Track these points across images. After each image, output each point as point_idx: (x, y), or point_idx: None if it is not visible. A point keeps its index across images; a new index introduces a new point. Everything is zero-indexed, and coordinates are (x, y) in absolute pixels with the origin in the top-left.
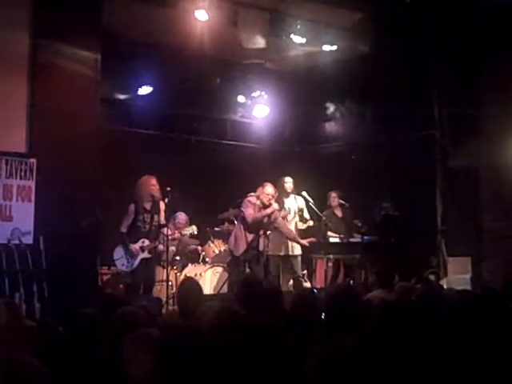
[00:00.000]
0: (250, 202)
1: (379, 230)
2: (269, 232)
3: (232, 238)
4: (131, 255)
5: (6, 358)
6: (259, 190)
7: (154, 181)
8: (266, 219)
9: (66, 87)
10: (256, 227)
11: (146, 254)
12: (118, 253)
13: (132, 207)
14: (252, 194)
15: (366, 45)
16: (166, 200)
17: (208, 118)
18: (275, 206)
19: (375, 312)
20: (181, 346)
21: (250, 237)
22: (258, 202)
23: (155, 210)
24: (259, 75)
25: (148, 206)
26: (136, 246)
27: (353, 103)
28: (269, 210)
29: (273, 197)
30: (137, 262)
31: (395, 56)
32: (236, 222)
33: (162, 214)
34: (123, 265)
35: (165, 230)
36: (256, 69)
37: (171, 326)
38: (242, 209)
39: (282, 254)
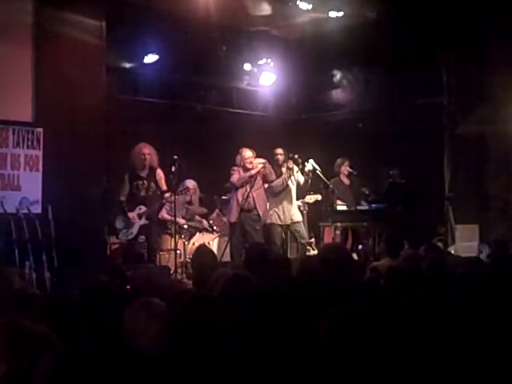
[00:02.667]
0: (233, 170)
1: (386, 197)
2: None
3: (228, 208)
4: (129, 223)
5: (16, 325)
6: (237, 158)
7: (146, 149)
8: (253, 180)
9: (71, 56)
10: (244, 187)
11: (143, 221)
12: (119, 222)
13: (126, 176)
14: (234, 166)
15: (373, 11)
16: (173, 168)
17: (214, 86)
18: (259, 165)
19: (383, 278)
20: (190, 315)
21: (240, 198)
22: (237, 167)
23: (151, 177)
24: (265, 42)
25: (143, 173)
26: (133, 214)
27: (360, 70)
28: (253, 171)
29: (253, 158)
30: (135, 230)
31: (403, 22)
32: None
33: (162, 182)
34: (124, 234)
35: (168, 197)
36: (262, 36)
37: (180, 295)
38: (230, 180)
39: (282, 222)
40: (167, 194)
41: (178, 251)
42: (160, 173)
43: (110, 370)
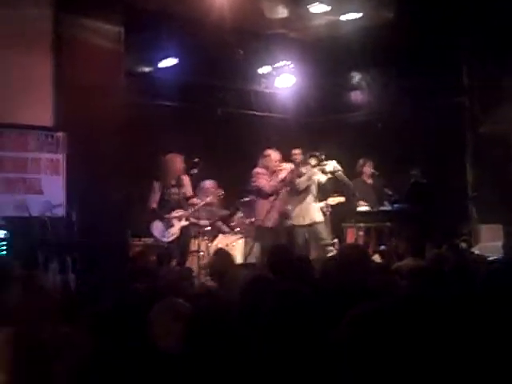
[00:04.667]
0: (258, 173)
1: (409, 197)
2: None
3: (256, 212)
4: (169, 225)
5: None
6: (263, 160)
7: (176, 159)
8: (282, 184)
9: (90, 61)
10: (274, 194)
11: (184, 222)
12: (157, 227)
13: (157, 184)
14: (258, 168)
15: (392, 12)
16: (194, 170)
17: (232, 89)
18: (287, 166)
19: (406, 279)
20: (211, 318)
21: (278, 203)
22: (264, 170)
23: (179, 183)
24: (283, 45)
25: (173, 181)
26: (172, 216)
27: (378, 72)
28: (282, 175)
29: (280, 161)
30: (177, 231)
31: (422, 23)
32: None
33: (188, 188)
34: (163, 236)
35: (193, 201)
36: (279, 39)
37: (202, 297)
38: (255, 184)
39: (306, 222)
40: (193, 200)
41: (202, 253)
42: (186, 178)
43: (135, 370)
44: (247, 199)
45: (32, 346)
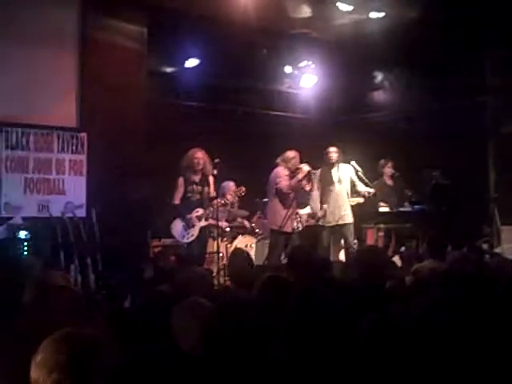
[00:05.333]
0: (279, 173)
1: (430, 199)
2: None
3: (276, 213)
4: (190, 225)
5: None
6: (282, 159)
7: (199, 154)
8: (303, 183)
9: (114, 61)
10: (293, 195)
11: (203, 222)
12: (177, 225)
13: (180, 180)
14: (279, 169)
15: (415, 11)
16: (215, 171)
17: (255, 89)
18: (305, 167)
19: (425, 282)
20: (230, 318)
21: (292, 207)
22: (286, 171)
23: (204, 182)
24: (306, 45)
25: (196, 178)
26: (192, 216)
27: (401, 71)
28: (301, 175)
29: (297, 160)
30: (197, 232)
31: (445, 22)
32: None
33: (212, 187)
34: (183, 236)
35: (215, 201)
36: (302, 38)
37: (222, 297)
38: (277, 186)
39: (334, 223)
40: (216, 200)
41: (221, 254)
42: (211, 178)
43: (157, 371)
44: (267, 200)
45: (80, 347)
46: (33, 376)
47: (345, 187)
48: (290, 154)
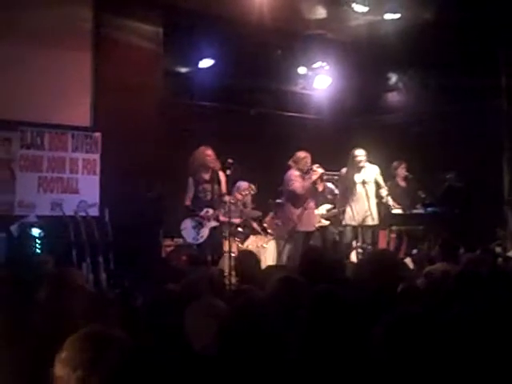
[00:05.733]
0: (292, 175)
1: (443, 201)
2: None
3: (289, 214)
4: (200, 226)
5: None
6: (293, 160)
7: (208, 151)
8: (316, 185)
9: (128, 61)
10: (306, 196)
11: (213, 223)
12: (186, 226)
13: (190, 180)
14: (292, 171)
15: (430, 12)
16: (228, 171)
17: (269, 90)
18: (319, 170)
19: (437, 284)
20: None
21: (306, 208)
22: (298, 172)
23: (215, 180)
24: (320, 46)
25: (206, 176)
26: (203, 216)
27: (416, 73)
28: (314, 176)
29: (308, 160)
30: (206, 233)
31: (460, 24)
32: (282, 201)
33: (223, 185)
34: (193, 238)
35: (226, 198)
36: (317, 39)
37: (235, 297)
38: (290, 188)
39: (355, 224)
40: (227, 197)
41: (233, 254)
42: (223, 176)
43: (170, 371)
44: (280, 201)
45: (104, 345)
46: (57, 373)
47: (369, 189)
48: (301, 154)
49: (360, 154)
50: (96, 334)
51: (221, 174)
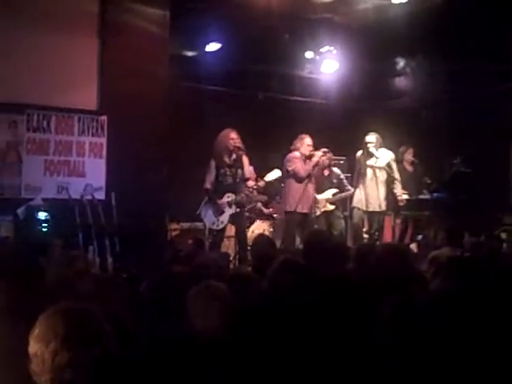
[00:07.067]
0: (294, 157)
1: (449, 187)
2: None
3: (290, 196)
4: (220, 211)
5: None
6: (297, 143)
7: (232, 134)
8: (315, 169)
9: (135, 44)
10: (307, 178)
11: (233, 209)
12: (206, 210)
13: (212, 163)
14: (293, 153)
15: None
16: (234, 156)
17: (276, 74)
18: (318, 153)
19: (443, 268)
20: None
21: (306, 190)
22: (296, 154)
23: (238, 163)
24: (328, 30)
25: (229, 160)
26: (222, 201)
27: (424, 58)
28: (315, 159)
29: (313, 147)
30: (226, 219)
31: (469, 8)
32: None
33: (246, 168)
34: (213, 223)
35: (249, 183)
36: (325, 23)
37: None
38: (290, 168)
39: (364, 209)
40: (250, 182)
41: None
42: (245, 159)
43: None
44: (283, 184)
45: (75, 318)
46: (31, 351)
47: (379, 175)
48: (300, 135)
49: (370, 140)
50: (66, 309)
51: (244, 157)
